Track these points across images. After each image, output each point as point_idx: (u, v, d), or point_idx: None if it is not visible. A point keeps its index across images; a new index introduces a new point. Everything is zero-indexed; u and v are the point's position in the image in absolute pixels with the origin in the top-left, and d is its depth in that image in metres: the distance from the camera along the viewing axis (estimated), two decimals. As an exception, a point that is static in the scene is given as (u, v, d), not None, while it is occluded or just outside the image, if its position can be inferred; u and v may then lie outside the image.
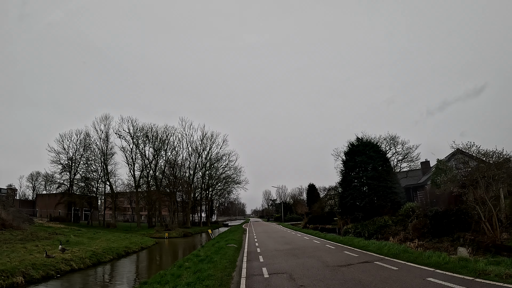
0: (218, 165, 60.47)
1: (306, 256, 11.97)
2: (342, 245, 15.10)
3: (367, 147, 25.16)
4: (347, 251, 12.86)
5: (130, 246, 23.08)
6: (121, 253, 20.82)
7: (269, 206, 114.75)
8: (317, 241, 18.51)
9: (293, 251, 13.82)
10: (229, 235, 24.21)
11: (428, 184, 32.30)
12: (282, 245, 16.49)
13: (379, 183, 23.39)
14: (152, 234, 37.58)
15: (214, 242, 19.15)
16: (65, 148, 50.79)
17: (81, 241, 24.00)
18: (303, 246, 15.84)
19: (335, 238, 18.87)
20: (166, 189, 52.99)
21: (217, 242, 18.90)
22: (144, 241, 27.71)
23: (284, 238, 21.56)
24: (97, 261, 17.66)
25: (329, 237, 19.99)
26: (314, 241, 18.53)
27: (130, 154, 50.26)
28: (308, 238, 20.70)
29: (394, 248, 11.70)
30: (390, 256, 10.63)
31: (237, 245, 17.43)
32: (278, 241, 19.71)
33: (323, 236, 21.40)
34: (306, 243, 17.20)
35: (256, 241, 19.71)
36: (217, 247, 15.31)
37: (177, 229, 40.06)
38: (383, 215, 23.97)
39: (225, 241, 19.12)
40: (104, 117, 50.12)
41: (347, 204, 23.03)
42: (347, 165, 24.70)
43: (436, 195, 19.26)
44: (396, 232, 19.39)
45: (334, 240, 17.88)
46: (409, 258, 10.03)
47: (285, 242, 18.20)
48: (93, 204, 52.61)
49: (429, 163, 39.74)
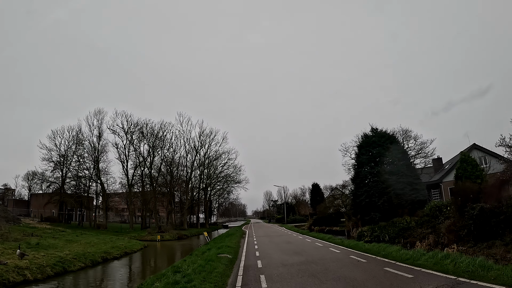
0: (217, 163, 57.43)
1: (332, 278, 7.98)
2: (374, 257, 11.33)
3: (383, 138, 22.05)
4: (390, 267, 8.95)
5: (110, 251, 19.97)
6: (97, 260, 17.72)
7: (270, 207, 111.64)
8: (335, 249, 14.76)
9: (308, 266, 9.80)
10: (225, 240, 20.46)
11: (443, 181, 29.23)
12: (291, 256, 12.73)
13: (399, 178, 20.25)
14: (144, 237, 34.51)
15: (205, 249, 15.68)
16: (57, 144, 47.99)
17: (55, 244, 20.93)
18: (319, 258, 11.87)
19: (358, 245, 15.14)
20: (162, 188, 49.97)
21: (208, 250, 15.32)
22: (131, 244, 24.59)
23: (291, 245, 18.02)
24: (62, 270, 14.56)
25: (347, 244, 16.25)
26: (332, 249, 14.63)
27: (124, 150, 47.28)
28: (321, 245, 17.07)
29: (465, 263, 8.01)
30: (466, 277, 7.02)
31: (231, 254, 13.59)
32: (284, 248, 15.88)
33: (340, 242, 17.71)
34: (322, 253, 13.38)
35: (256, 249, 16.08)
36: (205, 259, 11.53)
37: (171, 231, 36.95)
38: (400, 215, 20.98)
39: (218, 248, 15.40)
40: (97, 111, 47.24)
41: (361, 203, 19.84)
42: (360, 159, 21.55)
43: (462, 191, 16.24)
44: (423, 235, 16.31)
45: (357, 248, 14.24)
46: (504, 279, 6.53)
47: (294, 251, 14.40)
48: (85, 204, 49.66)
49: (442, 160, 36.71)
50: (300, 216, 58.00)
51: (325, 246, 16.08)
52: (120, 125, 46.51)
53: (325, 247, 15.85)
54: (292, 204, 68.46)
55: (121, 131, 46.77)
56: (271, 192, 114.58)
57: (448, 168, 29.34)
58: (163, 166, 50.98)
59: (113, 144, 47.24)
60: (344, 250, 13.89)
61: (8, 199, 60.95)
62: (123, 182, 47.93)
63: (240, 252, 15.04)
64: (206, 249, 15.75)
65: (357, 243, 15.46)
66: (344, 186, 35.83)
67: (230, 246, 16.62)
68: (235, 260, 12.39)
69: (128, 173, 46.98)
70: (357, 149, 22.74)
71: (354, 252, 12.94)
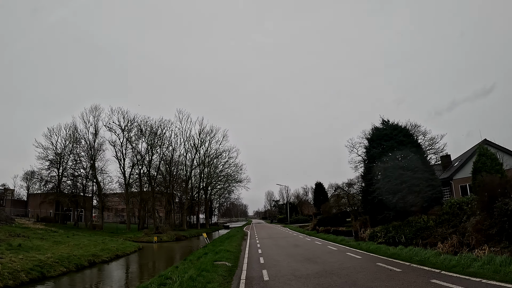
0: (218, 162, 55.74)
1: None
2: (408, 264, 9.04)
3: (395, 130, 20.35)
4: (438, 279, 6.71)
5: (99, 254, 18.32)
6: (83, 264, 16.09)
7: (272, 207, 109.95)
8: (353, 253, 12.43)
9: (329, 279, 7.56)
10: (225, 243, 18.47)
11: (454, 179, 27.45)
12: (303, 264, 10.38)
13: (414, 174, 18.52)
14: (140, 238, 32.89)
15: (202, 253, 13.82)
16: (53, 143, 46.55)
17: (40, 246, 19.34)
18: (339, 266, 9.45)
19: (380, 249, 12.83)
20: (161, 187, 48.35)
21: (205, 255, 13.31)
22: (124, 247, 22.91)
23: (300, 248, 15.84)
24: (39, 276, 12.94)
25: (367, 247, 14.01)
26: (350, 254, 12.27)
27: (120, 148, 45.70)
28: (335, 249, 14.84)
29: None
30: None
31: (231, 261, 11.47)
32: (292, 253, 13.63)
33: (356, 245, 15.33)
34: (340, 259, 11.05)
35: (260, 254, 13.90)
36: (199, 267, 9.34)
37: (169, 232, 35.27)
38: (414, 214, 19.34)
39: (216, 253, 13.26)
40: (93, 107, 45.67)
41: (373, 201, 18.08)
42: (371, 153, 19.82)
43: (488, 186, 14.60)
44: (444, 235, 14.61)
45: (380, 252, 11.97)
46: None
47: (305, 257, 12.15)
48: (81, 204, 48.12)
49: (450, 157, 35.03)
50: (304, 216, 56.22)
51: (340, 250, 13.91)
52: (117, 122, 44.99)
53: (341, 251, 13.69)
54: (295, 204, 66.66)
55: (118, 129, 45.25)
56: (272, 192, 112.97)
57: (458, 165, 27.63)
58: (162, 164, 49.40)
59: (110, 141, 45.69)
60: (366, 255, 11.75)
61: (6, 199, 59.70)
62: (120, 181, 46.37)
63: (241, 258, 12.86)
64: (203, 253, 13.93)
65: (378, 246, 13.47)
66: (350, 184, 34.11)
67: (230, 250, 14.46)
68: (235, 269, 10.20)
69: (125, 171, 45.44)
70: (367, 142, 21.05)
71: (378, 258, 10.70)
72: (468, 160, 27.78)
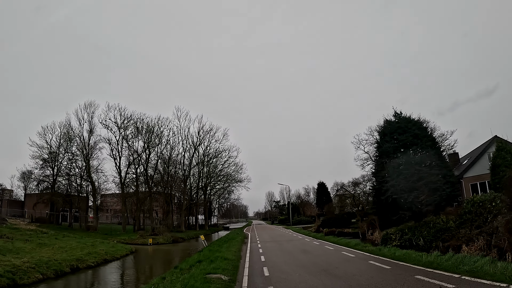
0: (217, 162, 54.00)
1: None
2: (458, 276, 7.09)
3: (409, 123, 18.71)
4: None
5: (85, 259, 16.60)
6: (64, 270, 14.40)
7: (272, 208, 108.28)
8: (377, 261, 10.19)
9: None
10: (222, 248, 16.14)
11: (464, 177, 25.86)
12: (319, 277, 8.22)
13: (431, 170, 16.87)
14: (134, 240, 31.18)
15: (195, 262, 11.73)
16: (47, 141, 44.98)
17: (22, 248, 17.70)
18: (367, 281, 7.41)
19: (409, 256, 10.54)
20: (158, 187, 46.65)
21: (199, 263, 11.33)
22: (114, 250, 21.15)
23: (310, 255, 13.43)
24: (10, 283, 11.29)
25: (391, 254, 11.62)
26: (373, 263, 10.05)
27: (116, 146, 44.04)
28: (352, 255, 12.50)
29: None
30: None
31: (228, 273, 9.17)
32: (303, 262, 11.28)
33: (377, 251, 12.91)
34: (365, 271, 8.92)
35: (263, 262, 11.60)
36: (186, 283, 7.42)
37: (166, 234, 33.52)
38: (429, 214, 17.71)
39: (211, 261, 11.01)
40: (88, 104, 44.03)
41: (387, 200, 16.34)
42: (383, 147, 18.13)
43: None
44: (469, 237, 12.98)
45: (410, 260, 9.83)
46: None
47: (320, 267, 9.86)
48: (76, 204, 46.46)
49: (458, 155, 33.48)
50: (306, 217, 54.45)
51: (359, 258, 11.72)
52: (113, 119, 43.31)
53: (361, 259, 11.49)
54: (296, 205, 64.85)
55: (114, 126, 43.58)
56: (273, 193, 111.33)
57: (468, 163, 26.03)
58: (160, 163, 47.74)
59: (105, 139, 43.98)
60: (395, 265, 9.51)
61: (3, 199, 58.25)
62: (116, 181, 44.69)
63: (241, 269, 10.58)
64: (196, 260, 12.01)
65: (406, 252, 11.31)
66: (356, 183, 32.40)
67: (228, 258, 11.98)
68: (233, 285, 8.06)
69: (121, 170, 43.74)
70: (379, 136, 19.39)
71: (413, 268, 8.50)
72: (479, 158, 26.18)
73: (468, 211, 14.78)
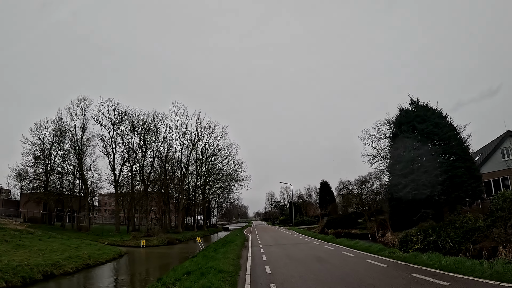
0: (216, 160, 51.98)
1: None
2: None
3: (428, 111, 16.76)
4: None
5: (62, 264, 14.60)
6: (35, 277, 12.45)
7: (273, 208, 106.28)
8: (421, 274, 7.67)
9: None
10: (218, 254, 13.60)
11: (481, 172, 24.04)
12: None
13: (454, 162, 14.92)
14: (126, 241, 29.22)
15: (182, 274, 9.44)
16: (40, 138, 43.07)
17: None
18: None
19: (460, 264, 8.19)
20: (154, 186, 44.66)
21: (187, 275, 9.13)
22: (101, 253, 19.09)
23: (327, 264, 10.58)
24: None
25: (441, 263, 8.77)
26: (417, 276, 7.51)
27: (110, 144, 42.09)
28: (384, 266, 9.67)
29: None
30: None
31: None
32: (321, 275, 8.47)
33: (411, 259, 10.28)
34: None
35: (269, 276, 8.78)
36: None
37: (160, 235, 31.50)
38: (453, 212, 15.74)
39: (201, 274, 8.70)
40: (80, 99, 42.10)
41: (407, 197, 14.24)
42: (400, 137, 16.11)
43: None
44: (506, 238, 11.24)
45: (467, 272, 7.41)
46: None
47: (348, 284, 7.25)
48: (68, 204, 44.56)
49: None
50: (309, 217, 52.37)
51: (396, 269, 8.85)
52: (107, 114, 41.36)
53: (399, 270, 8.61)
54: (298, 205, 62.72)
55: (108, 122, 41.63)
56: (273, 193, 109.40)
57: (480, 159, 24.19)
58: (156, 161, 45.76)
59: (99, 135, 41.96)
60: (449, 278, 6.97)
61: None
62: (110, 179, 42.72)
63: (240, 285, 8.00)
64: (184, 272, 9.61)
65: (456, 260, 8.74)
66: (363, 181, 30.35)
67: (223, 270, 9.20)
68: None
69: (115, 168, 41.76)
70: (394, 127, 17.42)
71: (480, 284, 6.34)
72: (491, 154, 24.37)
73: (500, 208, 12.96)
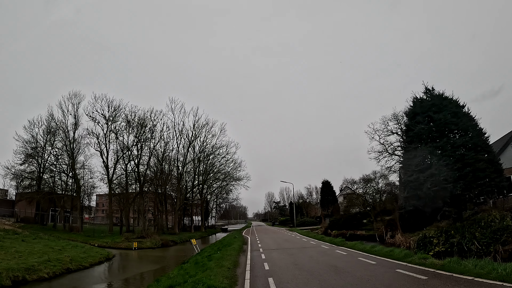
0: (214, 159, 50.34)
1: None
2: None
3: (445, 100, 15.25)
4: None
5: (38, 268, 12.99)
6: (4, 283, 10.89)
7: (272, 208, 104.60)
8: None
9: None
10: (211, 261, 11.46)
11: None
12: None
13: (476, 155, 13.39)
14: (118, 243, 27.59)
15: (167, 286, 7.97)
16: (33, 136, 41.53)
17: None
18: None
19: None
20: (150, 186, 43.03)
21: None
22: (86, 256, 17.38)
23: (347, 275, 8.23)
24: None
25: (487, 273, 6.82)
26: None
27: (104, 141, 40.43)
28: (421, 277, 7.28)
29: None
30: None
31: None
32: None
33: (453, 267, 7.96)
34: None
35: None
36: None
37: (154, 237, 29.85)
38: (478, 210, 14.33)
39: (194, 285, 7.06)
40: (72, 94, 40.43)
41: (428, 194, 12.54)
42: (416, 130, 14.53)
43: None
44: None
45: None
46: None
47: None
48: (60, 203, 42.94)
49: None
50: (310, 218, 50.74)
51: (445, 282, 6.60)
52: (100, 110, 39.71)
53: (443, 282, 6.66)
54: (299, 205, 61.02)
55: (102, 118, 39.98)
56: (273, 194, 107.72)
57: None
58: (152, 159, 44.11)
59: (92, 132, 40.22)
60: None
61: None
62: (103, 178, 41.03)
63: None
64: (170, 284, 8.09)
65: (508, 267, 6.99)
66: (367, 180, 28.88)
67: (214, 286, 7.19)
68: None
69: (109, 166, 40.12)
70: (407, 118, 15.86)
71: None
72: (502, 150, 23.07)
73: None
